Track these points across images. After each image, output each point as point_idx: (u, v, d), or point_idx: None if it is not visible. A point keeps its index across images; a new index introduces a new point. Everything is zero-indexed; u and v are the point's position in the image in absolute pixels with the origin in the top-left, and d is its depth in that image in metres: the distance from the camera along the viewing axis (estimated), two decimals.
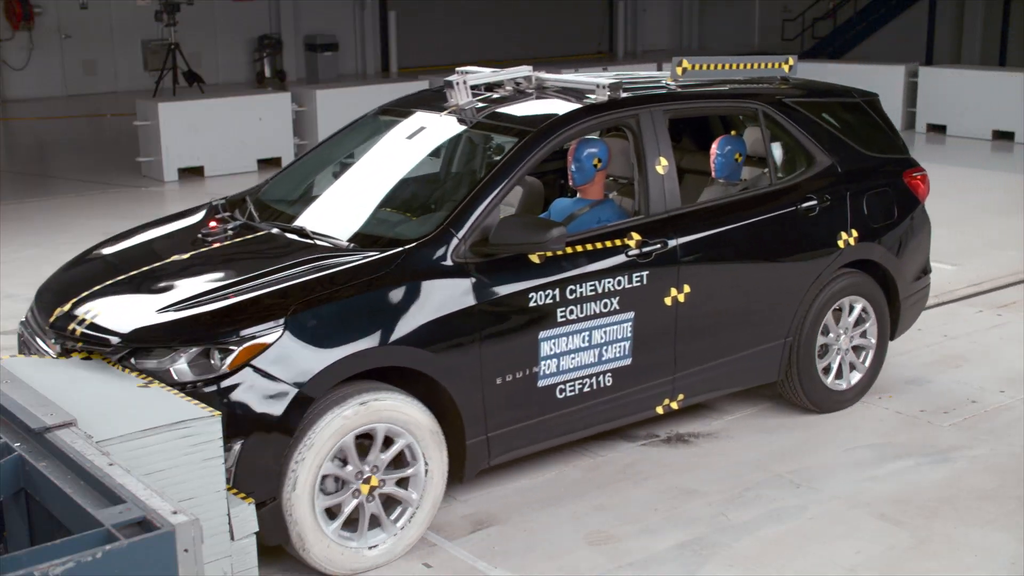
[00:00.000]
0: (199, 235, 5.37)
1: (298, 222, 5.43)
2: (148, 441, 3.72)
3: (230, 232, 5.34)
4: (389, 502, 4.79)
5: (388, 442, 4.71)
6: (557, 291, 5.12)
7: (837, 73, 18.06)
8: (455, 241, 4.94)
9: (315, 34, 23.85)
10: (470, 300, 4.87)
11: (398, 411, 4.66)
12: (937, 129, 16.79)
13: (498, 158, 5.36)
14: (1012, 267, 9.15)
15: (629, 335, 5.39)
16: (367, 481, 4.66)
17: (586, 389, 5.32)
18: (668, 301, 5.50)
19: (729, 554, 4.80)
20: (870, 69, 17.81)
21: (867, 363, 6.39)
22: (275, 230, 5.35)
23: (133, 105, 14.48)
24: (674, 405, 5.70)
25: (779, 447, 5.85)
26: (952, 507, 5.18)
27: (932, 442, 5.89)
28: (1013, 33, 20.54)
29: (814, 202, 6.05)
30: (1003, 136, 16.04)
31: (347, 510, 4.64)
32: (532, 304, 5.05)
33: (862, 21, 24.08)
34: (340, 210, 5.58)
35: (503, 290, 4.97)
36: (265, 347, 4.42)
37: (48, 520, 3.04)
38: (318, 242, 5.10)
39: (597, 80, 5.70)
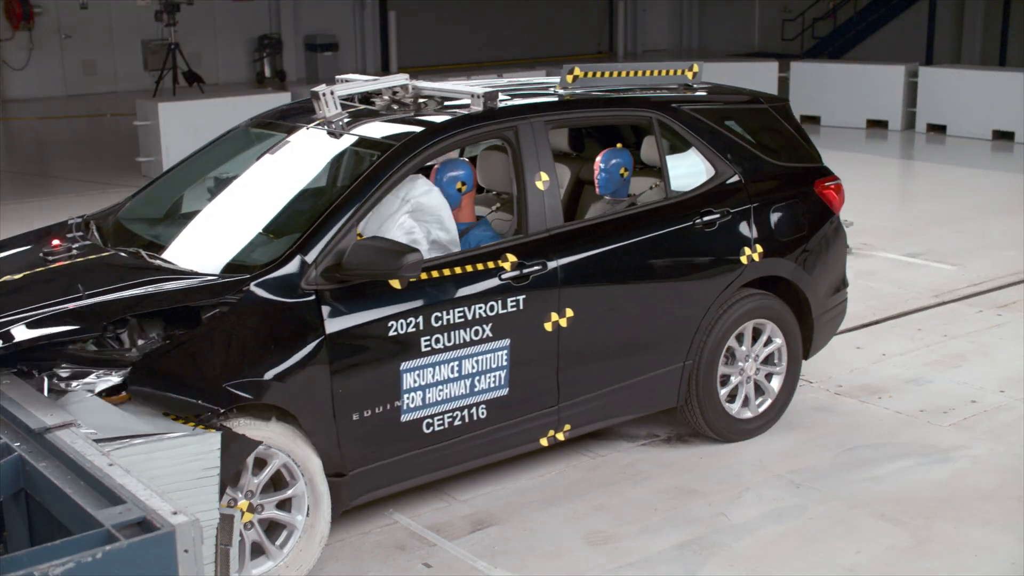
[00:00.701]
0: (41, 254, 4.96)
1: (144, 243, 5.07)
2: (152, 447, 3.72)
3: (74, 251, 4.95)
4: (273, 527, 4.54)
5: (260, 464, 4.40)
6: (421, 319, 4.74)
7: (837, 73, 18.16)
8: (305, 266, 4.55)
9: (315, 34, 23.86)
10: (321, 330, 4.49)
11: (264, 430, 4.33)
12: (937, 129, 16.79)
13: (357, 175, 4.94)
14: (1012, 267, 9.15)
15: (505, 364, 5.02)
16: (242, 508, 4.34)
17: (457, 423, 4.95)
18: (549, 326, 5.12)
19: (729, 554, 4.81)
20: (870, 69, 17.82)
21: (776, 390, 6.01)
22: (115, 251, 4.96)
23: (133, 105, 14.49)
24: (560, 436, 5.35)
25: (779, 447, 5.85)
26: (952, 507, 5.18)
27: (932, 442, 5.89)
28: (1013, 33, 20.52)
29: (714, 216, 5.69)
30: (1003, 136, 16.04)
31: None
32: (392, 333, 4.67)
33: (862, 21, 24.07)
34: (193, 232, 5.17)
35: (359, 319, 4.60)
36: None
37: (48, 520, 3.04)
38: (160, 264, 4.74)
39: (472, 89, 5.37)
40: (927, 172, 14.56)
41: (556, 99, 5.71)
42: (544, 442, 5.34)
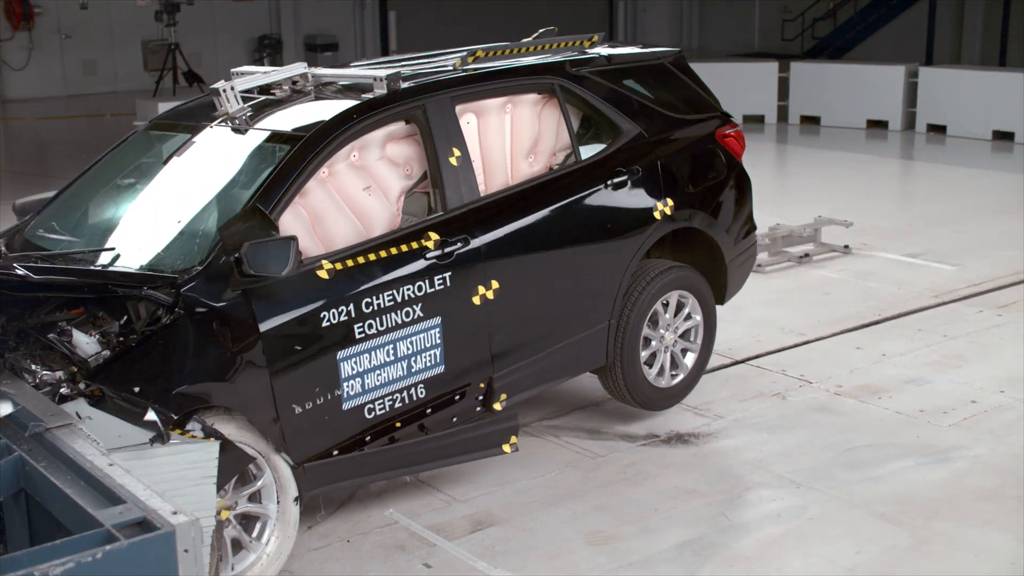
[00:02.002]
0: None
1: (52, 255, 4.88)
2: (151, 453, 3.73)
3: None
4: (246, 521, 4.57)
5: None
6: (352, 306, 4.72)
7: (837, 73, 18.15)
8: (230, 266, 4.41)
9: (315, 34, 23.86)
10: (253, 329, 4.43)
11: (227, 427, 4.33)
12: (937, 129, 16.79)
13: (268, 170, 4.83)
14: (1012, 267, 9.15)
15: (439, 342, 5.04)
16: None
17: (397, 404, 4.95)
18: (477, 300, 5.16)
19: (729, 554, 4.80)
20: (870, 69, 17.82)
21: (689, 366, 6.20)
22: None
23: (133, 105, 14.50)
24: (497, 407, 5.32)
25: (779, 447, 5.85)
26: (952, 507, 5.18)
27: (932, 442, 5.89)
28: (1013, 33, 20.52)
29: (624, 176, 5.79)
30: (1003, 136, 16.04)
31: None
32: (326, 324, 4.65)
33: (862, 21, 24.07)
34: (111, 240, 4.98)
35: (291, 314, 4.54)
36: None
37: (48, 520, 3.04)
38: (84, 278, 4.53)
39: (374, 73, 5.27)
40: (927, 172, 14.56)
41: (460, 74, 5.60)
42: (507, 448, 5.31)
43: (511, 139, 5.71)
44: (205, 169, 5.21)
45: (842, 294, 8.56)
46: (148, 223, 5.02)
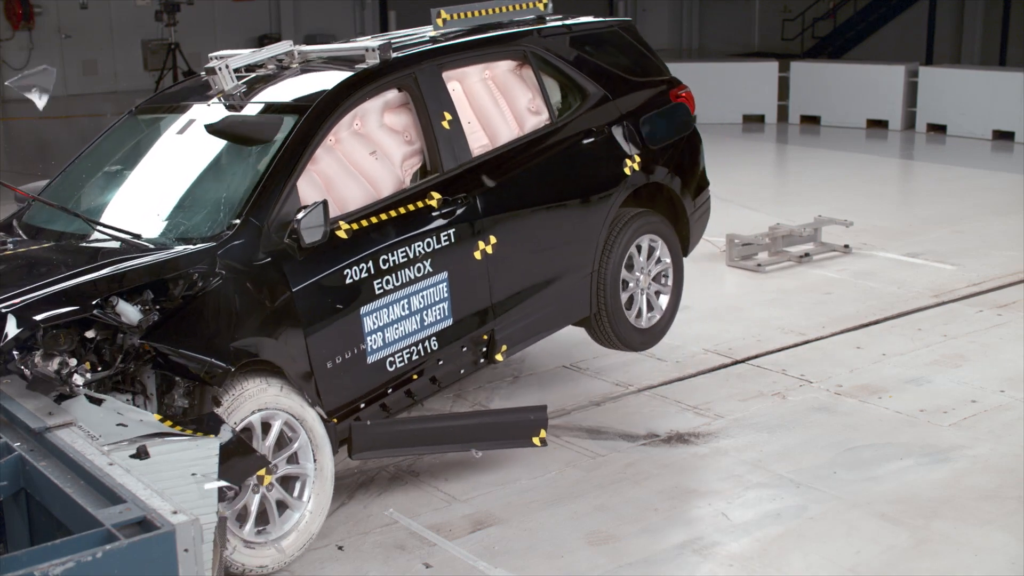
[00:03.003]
0: None
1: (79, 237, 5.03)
2: (154, 450, 3.72)
3: (10, 246, 4.98)
4: (287, 482, 4.77)
5: (265, 429, 4.64)
6: (371, 263, 5.07)
7: (837, 73, 18.16)
8: (259, 231, 4.73)
9: (315, 34, 23.84)
10: (286, 288, 4.73)
11: (265, 394, 4.58)
12: (937, 129, 16.79)
13: (280, 139, 5.08)
14: (1012, 267, 9.15)
15: (446, 295, 5.41)
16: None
17: (414, 357, 5.30)
18: (478, 255, 5.54)
19: (729, 554, 4.80)
20: (870, 69, 17.82)
21: (664, 307, 6.76)
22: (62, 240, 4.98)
23: (133, 105, 14.47)
24: (499, 357, 5.75)
25: (779, 447, 5.85)
26: (952, 507, 5.18)
27: (932, 442, 5.88)
28: (1013, 33, 20.53)
29: (595, 135, 6.24)
30: (1003, 136, 16.04)
31: (254, 508, 4.59)
32: (349, 281, 4.98)
33: (862, 21, 24.07)
34: (130, 216, 5.13)
35: (317, 272, 4.86)
36: None
37: (48, 520, 3.04)
38: (124, 242, 4.78)
39: (365, 44, 5.55)
40: (927, 172, 14.56)
41: (444, 44, 5.94)
42: (537, 441, 5.43)
43: (492, 103, 6.05)
44: (212, 144, 5.36)
45: (842, 294, 8.56)
46: (165, 197, 5.21)
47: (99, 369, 4.22)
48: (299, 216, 4.70)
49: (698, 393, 6.61)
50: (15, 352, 4.02)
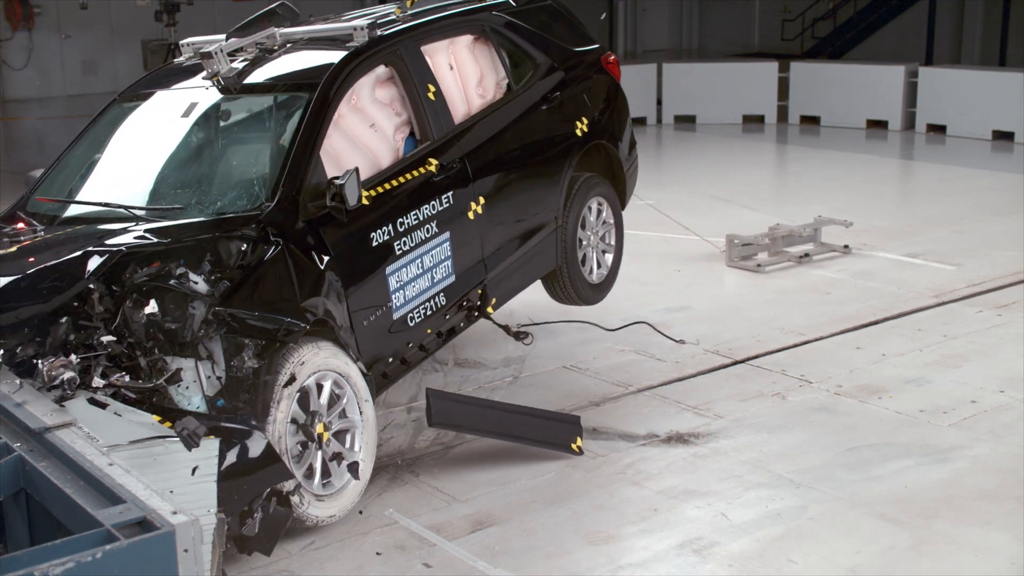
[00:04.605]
0: (6, 238, 5.13)
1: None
2: (154, 451, 3.72)
3: (41, 231, 5.17)
4: (339, 435, 5.09)
5: (318, 390, 4.94)
6: (391, 226, 5.45)
7: (837, 73, 18.16)
8: (298, 200, 5.07)
9: None
10: (326, 252, 5.07)
11: (319, 356, 4.87)
12: (937, 129, 16.79)
13: (298, 115, 5.40)
14: (1012, 267, 9.15)
15: (449, 254, 5.84)
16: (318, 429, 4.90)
17: (428, 312, 5.74)
18: (471, 215, 5.98)
19: (729, 554, 4.80)
20: (870, 69, 17.82)
21: (610, 263, 7.41)
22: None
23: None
24: (489, 310, 6.24)
25: (779, 447, 5.85)
26: (952, 507, 5.18)
27: (932, 442, 5.88)
28: (1013, 33, 20.52)
29: (550, 102, 6.76)
30: (1003, 136, 16.04)
31: (318, 465, 4.90)
32: (375, 244, 5.36)
33: (862, 21, 24.04)
34: (156, 196, 5.40)
35: (349, 236, 5.21)
36: None
37: (48, 520, 3.04)
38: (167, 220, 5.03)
39: (353, 24, 5.83)
40: (927, 172, 14.56)
41: (422, 21, 6.28)
42: (575, 448, 5.71)
43: (461, 75, 6.44)
44: (224, 124, 5.72)
45: (842, 294, 8.56)
46: (189, 177, 5.48)
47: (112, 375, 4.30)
48: (341, 181, 4.99)
49: (698, 393, 6.61)
50: (36, 359, 4.16)
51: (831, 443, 5.89)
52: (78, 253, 4.60)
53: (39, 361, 4.16)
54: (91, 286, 4.46)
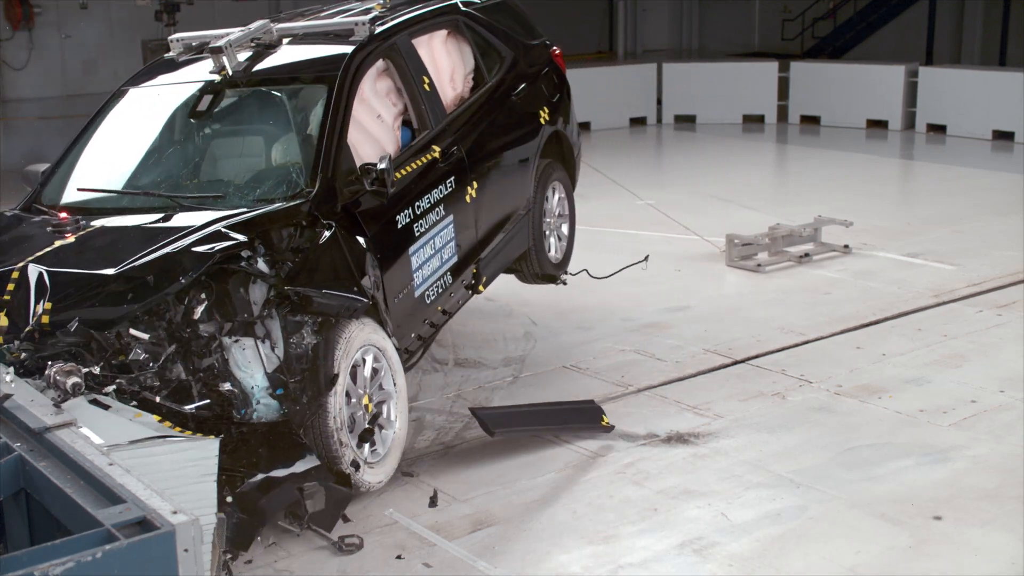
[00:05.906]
0: (50, 228, 5.24)
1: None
2: (154, 450, 3.72)
3: (83, 223, 5.24)
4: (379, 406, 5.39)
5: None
6: (410, 209, 5.73)
7: (837, 73, 18.15)
8: (335, 185, 5.31)
9: None
10: (364, 233, 5.31)
11: (364, 332, 5.16)
12: (937, 129, 16.79)
13: (321, 105, 5.64)
14: (1012, 267, 9.14)
15: (453, 235, 6.13)
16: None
17: (440, 291, 6.05)
18: (468, 199, 6.28)
19: (729, 554, 4.80)
20: (870, 69, 17.81)
21: (566, 244, 7.81)
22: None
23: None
24: (481, 288, 6.55)
25: (779, 447, 5.85)
26: (952, 507, 5.17)
27: (932, 442, 5.88)
28: (1013, 33, 20.51)
29: (519, 92, 7.13)
30: (1003, 136, 16.03)
31: (368, 435, 5.23)
32: (399, 226, 5.63)
33: (862, 21, 24.03)
34: (200, 186, 5.58)
35: (379, 218, 5.48)
36: None
37: (48, 520, 3.04)
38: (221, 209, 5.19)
39: (355, 19, 6.05)
40: (927, 172, 14.56)
41: (410, 17, 6.50)
42: (605, 422, 6.00)
43: (443, 68, 6.69)
44: (241, 115, 5.94)
45: (842, 294, 8.56)
46: (222, 167, 5.72)
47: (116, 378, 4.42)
48: (383, 166, 5.27)
49: (698, 393, 6.61)
50: (50, 363, 4.22)
51: (831, 443, 5.89)
52: (174, 249, 4.74)
53: (48, 364, 4.17)
54: (198, 285, 4.65)
